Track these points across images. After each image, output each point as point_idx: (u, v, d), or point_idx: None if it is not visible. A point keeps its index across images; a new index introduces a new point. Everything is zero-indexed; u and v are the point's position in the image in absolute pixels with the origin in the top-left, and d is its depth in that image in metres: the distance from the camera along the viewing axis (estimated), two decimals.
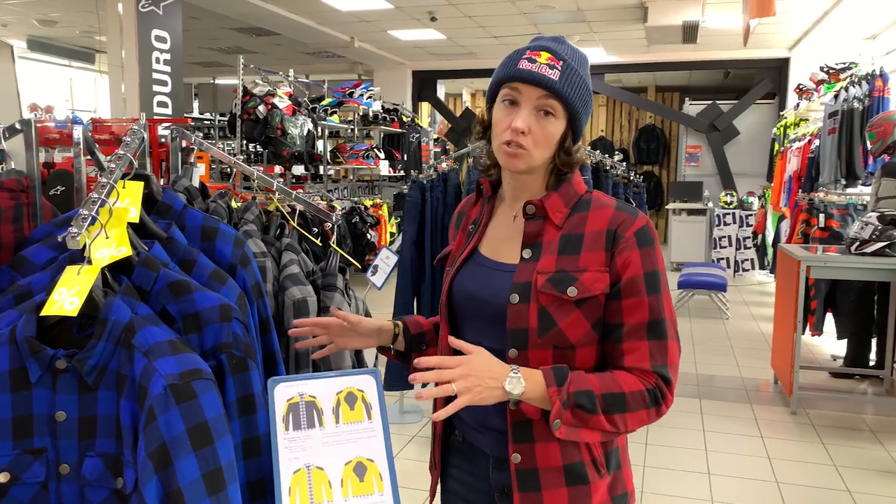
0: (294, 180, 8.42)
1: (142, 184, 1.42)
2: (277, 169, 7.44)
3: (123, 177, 1.42)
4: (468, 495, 1.38)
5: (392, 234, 8.71)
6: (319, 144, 7.92)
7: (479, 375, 1.12)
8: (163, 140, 5.03)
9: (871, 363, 4.93)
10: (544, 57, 1.21)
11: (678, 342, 1.23)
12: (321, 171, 8.26)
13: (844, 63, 6.62)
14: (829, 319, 5.37)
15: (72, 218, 1.49)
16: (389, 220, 8.80)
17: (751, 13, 4.17)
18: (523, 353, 1.21)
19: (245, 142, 6.73)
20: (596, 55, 10.33)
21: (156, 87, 5.74)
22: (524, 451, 1.23)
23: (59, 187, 2.33)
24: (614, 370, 1.21)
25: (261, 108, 6.55)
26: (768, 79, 10.31)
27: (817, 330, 5.29)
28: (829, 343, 5.71)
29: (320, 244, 2.06)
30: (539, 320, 1.20)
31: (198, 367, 1.15)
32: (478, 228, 1.37)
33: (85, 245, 1.23)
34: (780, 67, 10.15)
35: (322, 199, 5.98)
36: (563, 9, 7.66)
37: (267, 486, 1.30)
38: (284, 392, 1.35)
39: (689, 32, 7.70)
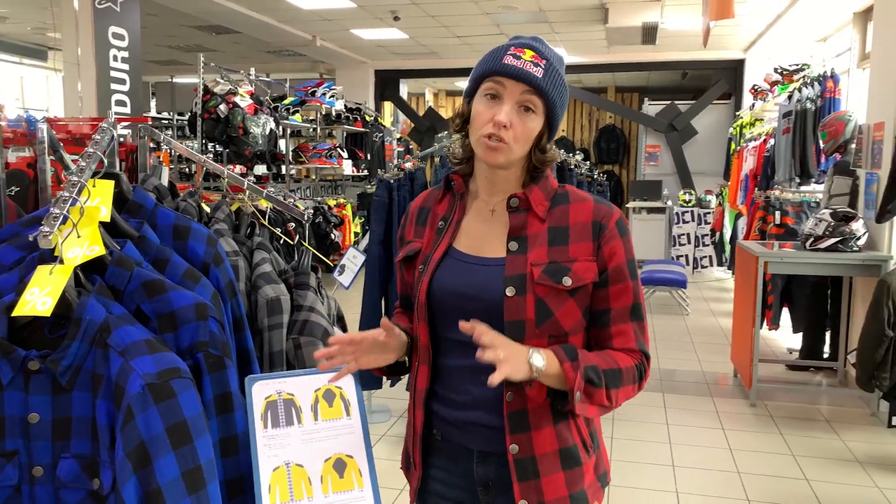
0: (255, 180, 8.33)
1: (112, 182, 1.41)
2: (238, 169, 7.35)
3: (93, 175, 1.40)
4: (449, 493, 1.38)
5: (356, 234, 8.67)
6: (282, 144, 7.84)
7: (513, 349, 1.16)
8: (121, 140, 4.93)
9: (826, 355, 5.09)
10: (528, 54, 1.24)
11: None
12: (283, 171, 8.18)
13: (797, 65, 6.81)
14: (786, 314, 5.53)
15: (39, 217, 1.47)
16: (353, 220, 8.75)
17: (711, 15, 4.27)
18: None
19: (206, 141, 6.62)
20: None
21: (114, 86, 5.62)
22: (521, 441, 1.25)
23: (13, 188, 2.27)
24: (606, 350, 1.28)
25: (222, 107, 6.46)
26: (724, 80, 10.54)
27: (774, 324, 5.44)
28: (785, 337, 5.87)
29: (292, 242, 2.05)
30: (536, 311, 1.23)
31: (176, 365, 1.15)
32: (449, 224, 1.36)
33: (56, 244, 1.21)
34: (735, 68, 10.39)
35: (284, 200, 5.92)
36: (525, 9, 7.72)
37: (245, 485, 1.30)
38: (262, 390, 1.34)
39: (649, 33, 7.84)
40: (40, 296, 1.15)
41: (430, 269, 1.33)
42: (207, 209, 1.83)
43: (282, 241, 2.30)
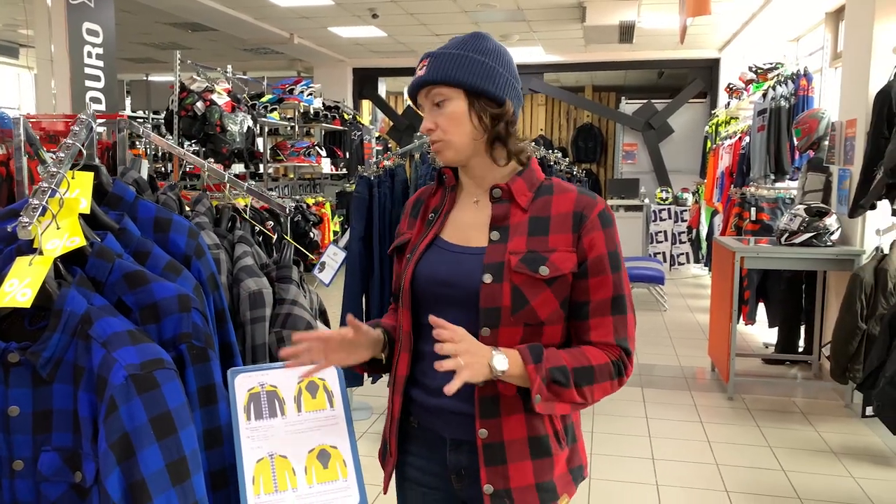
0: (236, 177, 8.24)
1: (91, 174, 1.39)
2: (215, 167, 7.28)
3: (73, 167, 1.38)
4: (424, 479, 1.40)
5: (335, 233, 8.64)
6: (259, 142, 7.79)
7: (473, 353, 1.17)
8: (97, 137, 4.85)
9: (801, 349, 5.17)
10: (421, 64, 1.31)
11: (634, 315, 1.31)
12: (261, 169, 8.13)
13: (771, 63, 6.90)
14: (761, 309, 5.61)
15: (16, 210, 1.44)
16: (332, 219, 8.72)
17: (688, 12, 4.32)
18: (495, 332, 1.25)
19: (182, 139, 6.55)
20: (535, 54, 10.48)
21: (88, 83, 5.54)
22: (491, 426, 1.27)
23: None
24: (581, 345, 1.28)
25: (199, 104, 6.40)
26: (700, 78, 10.66)
27: (750, 319, 5.52)
28: (761, 332, 5.95)
29: (272, 237, 2.04)
30: (512, 299, 1.24)
31: (159, 356, 1.14)
32: (439, 216, 1.40)
33: (35, 236, 1.19)
34: (711, 67, 10.51)
35: (225, 203, 5.88)
36: (503, 8, 7.75)
37: (229, 476, 1.30)
38: (245, 382, 1.34)
39: (626, 32, 7.90)
40: (20, 287, 1.14)
41: (416, 257, 1.36)
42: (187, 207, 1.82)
43: (261, 237, 2.30)
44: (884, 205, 3.82)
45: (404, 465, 1.43)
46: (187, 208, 1.80)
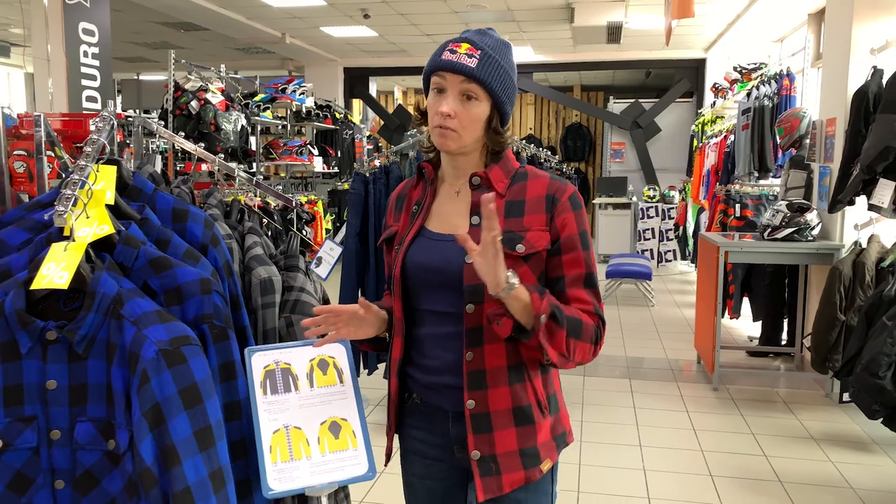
0: (225, 177, 8.31)
1: (115, 167, 1.49)
2: (205, 167, 7.34)
3: (97, 161, 1.48)
4: (429, 451, 1.50)
5: (327, 231, 8.72)
6: (252, 140, 7.86)
7: (496, 256, 1.23)
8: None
9: (783, 342, 5.31)
10: (464, 48, 1.35)
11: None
12: (254, 168, 8.20)
13: (755, 64, 7.05)
14: (746, 303, 5.75)
15: (42, 202, 1.54)
16: (325, 217, 8.80)
17: (672, 14, 4.45)
18: (479, 308, 1.35)
19: None
20: (524, 54, 10.60)
21: (84, 82, 5.60)
22: (478, 398, 1.37)
23: None
24: None
25: (193, 103, 6.47)
26: (686, 78, 10.83)
27: (735, 313, 5.66)
28: (745, 325, 6.10)
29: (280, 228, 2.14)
30: None
31: (186, 333, 1.24)
32: (422, 208, 1.49)
33: (70, 224, 1.29)
34: (697, 67, 10.68)
35: (257, 196, 5.96)
36: (493, 8, 7.86)
37: (247, 446, 1.40)
38: (260, 360, 1.44)
39: (613, 33, 8.04)
40: (56, 270, 1.23)
41: (404, 248, 1.46)
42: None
43: (270, 230, 2.40)
44: (861, 200, 3.96)
45: (408, 438, 1.53)
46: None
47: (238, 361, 1.39)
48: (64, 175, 2.17)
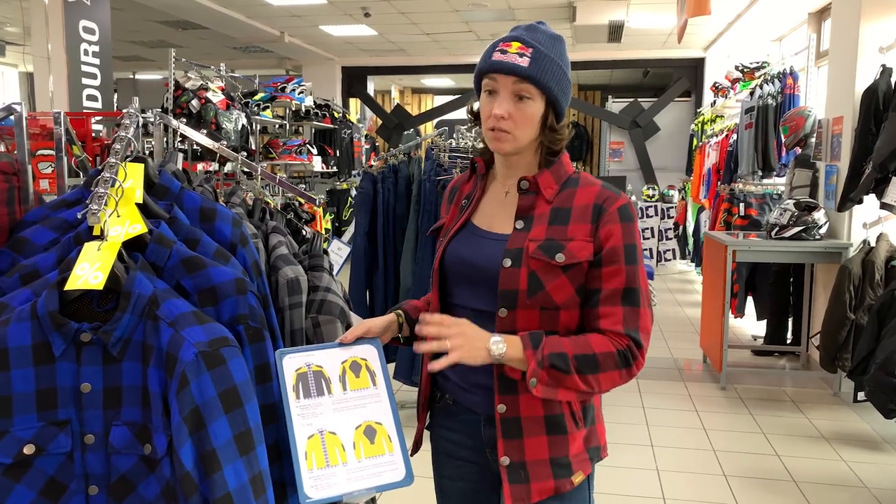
0: (225, 177, 8.26)
1: (142, 165, 1.45)
2: (201, 166, 7.29)
3: (123, 159, 1.45)
4: (459, 452, 1.48)
5: (327, 230, 8.68)
6: (252, 140, 7.81)
7: (469, 337, 1.28)
8: (96, 135, 4.87)
9: (789, 340, 5.31)
10: (514, 47, 1.31)
11: (651, 311, 1.36)
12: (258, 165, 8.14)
13: (758, 63, 7.05)
14: (749, 302, 5.75)
15: (67, 200, 1.51)
16: (324, 217, 8.76)
17: (688, 11, 4.43)
18: (512, 313, 1.33)
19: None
20: None
21: (85, 80, 5.55)
22: (509, 402, 1.34)
23: None
24: (589, 332, 1.33)
25: (194, 102, 6.41)
26: (685, 77, 10.83)
27: (739, 312, 5.66)
28: (750, 324, 6.09)
29: (300, 227, 2.11)
30: (528, 283, 1.31)
31: (224, 335, 1.21)
32: (471, 202, 1.47)
33: (103, 222, 1.26)
34: (696, 67, 10.68)
35: (256, 195, 5.91)
36: (494, 7, 7.84)
37: (282, 450, 1.37)
38: (292, 363, 1.41)
39: (615, 32, 8.03)
40: (91, 271, 1.20)
41: (447, 239, 1.45)
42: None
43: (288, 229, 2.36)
44: (870, 199, 3.96)
45: (439, 438, 1.52)
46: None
47: (273, 363, 1.36)
48: (82, 174, 2.13)
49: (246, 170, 2.28)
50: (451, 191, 1.58)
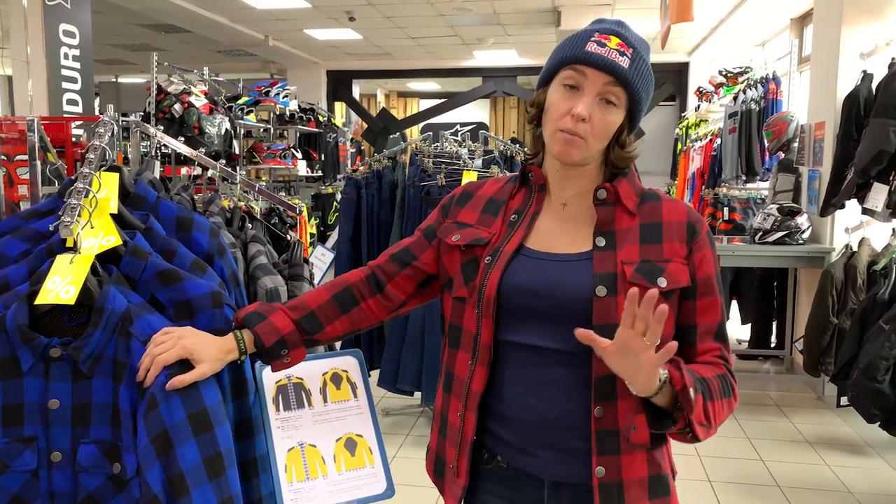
0: (209, 181, 8.20)
1: (117, 175, 1.43)
2: (184, 170, 7.22)
3: (98, 168, 1.41)
4: None
5: (312, 235, 8.64)
6: (235, 144, 7.75)
7: (647, 357, 1.02)
8: (76, 139, 4.80)
9: (773, 345, 5.33)
10: (614, 42, 1.13)
11: None
12: (237, 172, 8.09)
13: (741, 67, 7.09)
14: (734, 307, 5.77)
15: (39, 210, 1.48)
16: (309, 221, 8.72)
17: (671, 18, 4.45)
18: None
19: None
20: (509, 58, 10.60)
21: (65, 84, 5.49)
22: (609, 464, 1.12)
23: None
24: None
25: (177, 106, 6.36)
26: (670, 82, 10.88)
27: None
28: (734, 328, 6.11)
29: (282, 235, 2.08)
30: None
31: None
32: (524, 218, 1.23)
33: (76, 234, 1.23)
34: (680, 71, 10.73)
35: (240, 200, 5.87)
36: (479, 11, 7.84)
37: (260, 466, 1.34)
38: (273, 375, 1.39)
39: None
40: (62, 284, 1.17)
41: (502, 263, 1.18)
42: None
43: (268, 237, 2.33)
44: (852, 204, 3.98)
45: (478, 501, 1.26)
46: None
47: (249, 378, 1.33)
48: (57, 182, 2.10)
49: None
50: (486, 199, 1.29)
